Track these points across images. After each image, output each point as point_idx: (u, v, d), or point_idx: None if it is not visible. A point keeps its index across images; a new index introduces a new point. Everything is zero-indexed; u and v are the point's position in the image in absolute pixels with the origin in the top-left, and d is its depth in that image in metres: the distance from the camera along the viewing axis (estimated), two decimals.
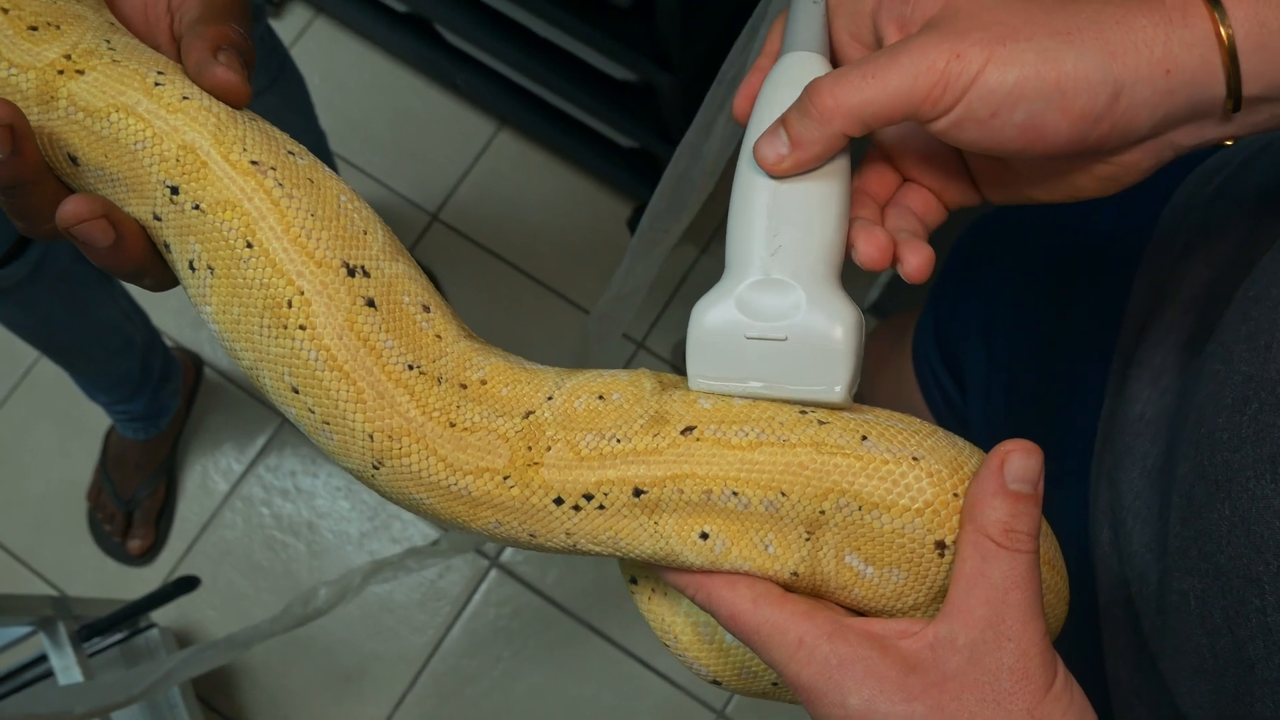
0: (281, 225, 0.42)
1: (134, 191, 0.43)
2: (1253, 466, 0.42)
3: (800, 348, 0.43)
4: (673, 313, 1.79)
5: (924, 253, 0.45)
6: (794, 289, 0.43)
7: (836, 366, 0.43)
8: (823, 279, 0.43)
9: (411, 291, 0.45)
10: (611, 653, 1.65)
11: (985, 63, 0.39)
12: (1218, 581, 0.44)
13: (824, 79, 0.42)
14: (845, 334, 0.43)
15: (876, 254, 0.44)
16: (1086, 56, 0.39)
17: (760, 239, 0.44)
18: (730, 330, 0.44)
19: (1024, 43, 0.39)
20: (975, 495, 0.41)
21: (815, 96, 0.42)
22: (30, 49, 0.43)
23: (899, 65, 0.40)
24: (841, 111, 0.41)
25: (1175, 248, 0.63)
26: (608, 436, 0.43)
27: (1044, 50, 0.39)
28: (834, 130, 0.42)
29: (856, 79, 0.41)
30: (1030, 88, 0.39)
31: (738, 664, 0.50)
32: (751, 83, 0.48)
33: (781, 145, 0.43)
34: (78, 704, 1.03)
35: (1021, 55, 0.39)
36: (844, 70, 0.42)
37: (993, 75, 0.39)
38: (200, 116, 0.43)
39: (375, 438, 0.43)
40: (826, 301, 0.43)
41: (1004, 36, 0.40)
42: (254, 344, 0.43)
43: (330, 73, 1.87)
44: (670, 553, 0.44)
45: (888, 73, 0.41)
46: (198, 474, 1.75)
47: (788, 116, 0.43)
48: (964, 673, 0.39)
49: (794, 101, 0.43)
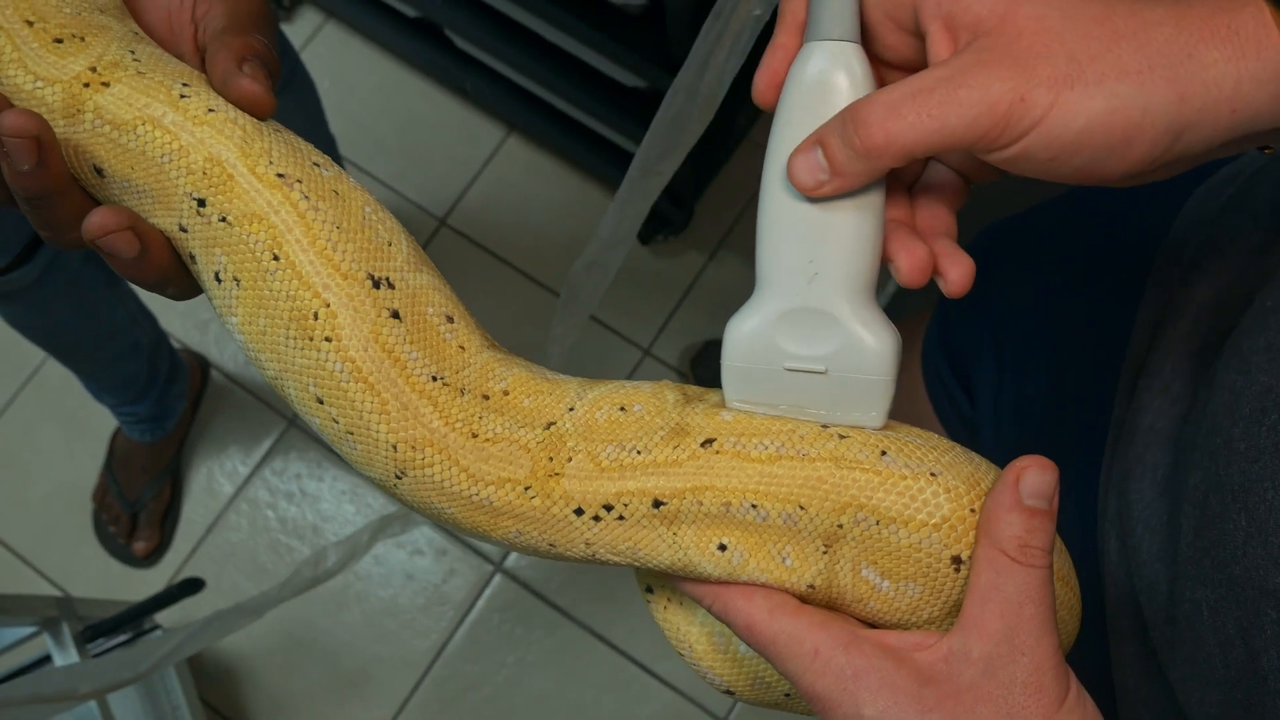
0: (308, 238, 0.42)
1: (160, 203, 0.44)
2: (1270, 477, 0.42)
3: (840, 380, 0.43)
4: (679, 319, 1.79)
5: (965, 265, 0.43)
6: (832, 319, 0.42)
7: (876, 397, 0.43)
8: (861, 304, 0.42)
9: (435, 302, 0.45)
10: (615, 659, 1.65)
11: (1050, 107, 0.37)
12: (1232, 592, 0.44)
13: (873, 108, 0.39)
14: (884, 366, 0.42)
15: (918, 272, 0.43)
16: (1155, 103, 0.37)
17: (795, 263, 0.42)
18: (767, 359, 0.43)
19: (1092, 87, 0.37)
20: (991, 510, 0.41)
21: (863, 129, 0.39)
22: (56, 62, 0.43)
23: (958, 103, 0.38)
24: (893, 149, 0.39)
25: (1186, 258, 0.63)
26: (628, 448, 0.44)
27: (1113, 96, 0.37)
28: (881, 165, 0.40)
29: (911, 116, 0.38)
30: (1095, 138, 0.38)
31: (751, 674, 0.50)
32: (774, 66, 0.44)
33: (820, 171, 0.40)
34: (82, 683, 1.02)
35: (1089, 102, 0.37)
36: (895, 100, 0.39)
37: (1057, 121, 0.37)
38: (226, 129, 0.43)
39: (399, 448, 0.43)
40: (866, 332, 0.42)
41: (1072, 78, 0.37)
42: (279, 355, 0.44)
43: (340, 77, 1.88)
44: (688, 563, 0.44)
45: (945, 110, 0.38)
46: (203, 476, 1.76)
47: (828, 140, 0.40)
48: (978, 685, 0.39)
49: (834, 120, 0.40)
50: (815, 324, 0.43)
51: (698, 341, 1.75)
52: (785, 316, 0.43)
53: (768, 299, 0.43)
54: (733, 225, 1.81)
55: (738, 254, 1.81)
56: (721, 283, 1.80)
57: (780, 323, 0.43)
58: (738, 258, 1.81)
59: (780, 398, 0.44)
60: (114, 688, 1.05)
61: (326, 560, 1.08)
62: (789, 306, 0.43)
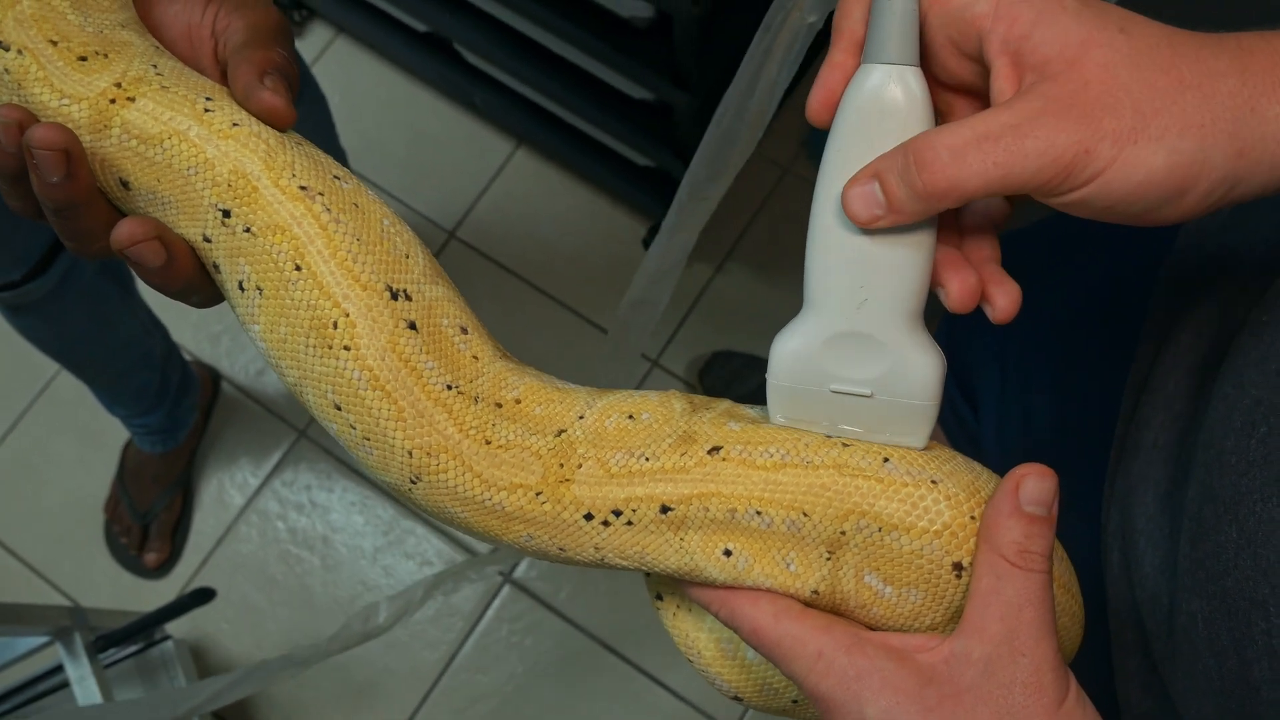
0: (329, 249, 0.44)
1: (185, 214, 0.45)
2: (1260, 490, 0.43)
3: (885, 404, 0.43)
4: (688, 330, 1.79)
5: (1013, 293, 0.44)
6: (880, 345, 0.43)
7: (919, 420, 0.44)
8: (909, 330, 0.43)
9: (450, 314, 0.46)
10: (624, 669, 1.65)
11: (1113, 161, 0.37)
12: (1224, 604, 0.44)
13: (938, 151, 0.39)
14: (930, 391, 0.43)
15: (968, 298, 0.43)
16: (1214, 157, 0.38)
17: (846, 288, 0.42)
18: (814, 380, 0.44)
19: (1155, 142, 0.37)
20: (991, 516, 0.41)
21: (925, 172, 0.39)
22: (82, 79, 0.44)
23: (1024, 154, 0.38)
24: (955, 194, 0.39)
25: (1190, 274, 0.63)
26: (637, 455, 0.45)
27: (1175, 152, 0.37)
28: (941, 208, 0.40)
29: (977, 163, 0.38)
30: (1154, 190, 0.38)
31: (759, 680, 0.51)
32: (829, 85, 0.43)
33: (876, 205, 0.40)
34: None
35: (1152, 156, 0.37)
36: (961, 145, 0.38)
37: (1118, 174, 0.38)
38: (251, 143, 0.44)
39: (414, 454, 0.44)
40: (913, 358, 0.43)
41: (1136, 130, 0.37)
42: (299, 362, 0.45)
43: (350, 91, 1.89)
44: (695, 568, 0.45)
45: (1012, 160, 0.38)
46: (214, 487, 1.76)
47: (886, 176, 0.40)
48: (979, 686, 0.40)
49: (894, 155, 0.40)
50: (863, 348, 0.43)
51: (705, 353, 1.75)
52: (833, 340, 0.43)
53: (816, 321, 0.43)
54: (739, 238, 1.82)
55: (745, 266, 1.81)
56: (729, 295, 1.81)
57: (828, 346, 0.43)
58: (745, 270, 1.81)
59: (824, 418, 0.45)
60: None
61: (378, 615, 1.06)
62: (838, 330, 0.43)
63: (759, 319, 1.75)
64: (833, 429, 0.45)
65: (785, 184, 1.81)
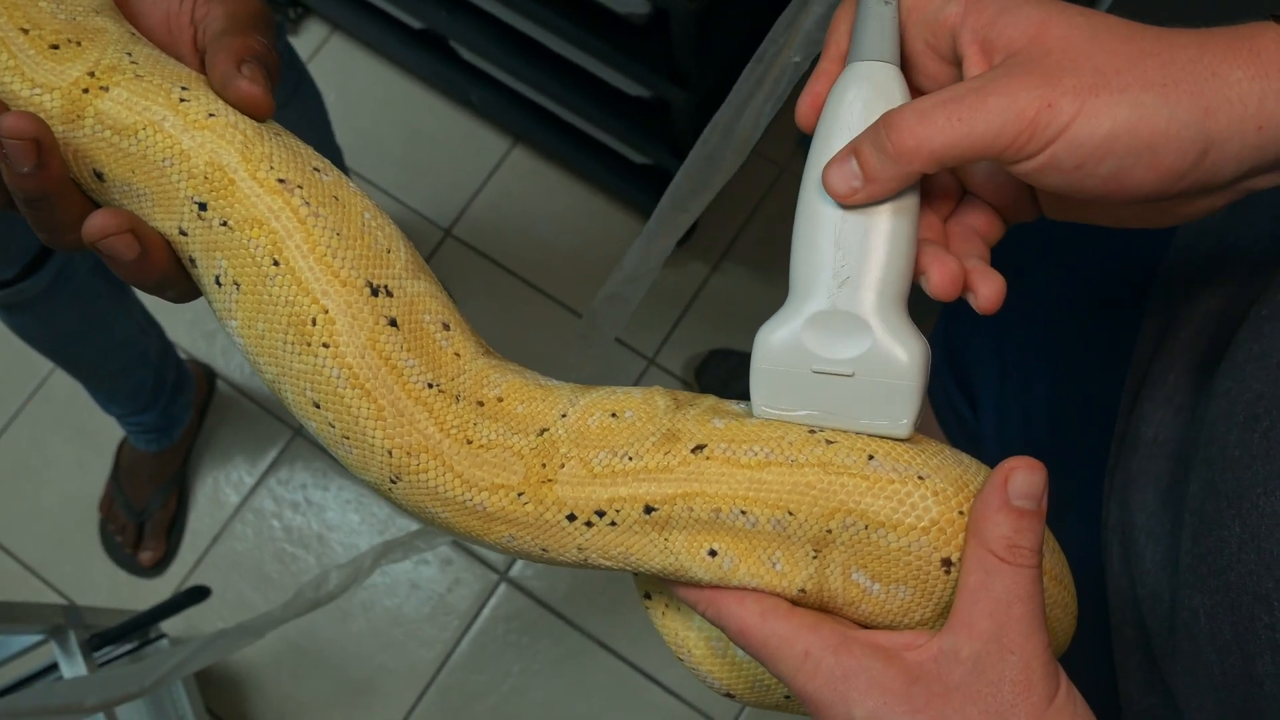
0: (308, 244, 0.43)
1: (160, 207, 0.44)
2: (1263, 483, 0.43)
3: (867, 384, 0.43)
4: (683, 329, 1.79)
5: (996, 282, 0.44)
6: (862, 323, 0.43)
7: (903, 402, 0.43)
8: (891, 311, 0.43)
9: (432, 310, 0.45)
10: (620, 668, 1.65)
11: (1076, 114, 0.38)
12: (1227, 598, 0.44)
13: (905, 114, 0.40)
14: (913, 372, 0.43)
15: (949, 285, 0.44)
16: (1180, 114, 0.38)
17: (827, 268, 0.43)
18: (796, 361, 0.44)
19: (1117, 95, 0.38)
20: (979, 511, 0.41)
21: (894, 133, 0.40)
22: (54, 68, 0.43)
23: (986, 109, 0.39)
24: (922, 153, 0.40)
25: (1189, 270, 0.63)
26: (620, 454, 0.44)
27: (1138, 104, 0.38)
28: (912, 170, 0.41)
29: (941, 120, 0.40)
30: (1120, 144, 0.38)
31: (750, 678, 0.51)
32: (816, 90, 0.46)
33: (854, 178, 0.42)
34: (89, 696, 1.03)
35: (1114, 109, 0.38)
36: (926, 108, 0.40)
37: (1083, 127, 0.38)
38: (227, 134, 0.43)
39: (394, 454, 0.44)
40: (894, 337, 0.43)
41: (1097, 86, 0.38)
42: (277, 359, 0.44)
43: (346, 89, 1.89)
44: (680, 568, 0.44)
45: (974, 116, 0.39)
46: (209, 486, 1.76)
47: (861, 148, 0.41)
48: (967, 684, 0.40)
49: (869, 129, 0.42)
50: (845, 327, 0.43)
51: (701, 351, 1.75)
52: (814, 319, 0.43)
53: (798, 304, 0.44)
54: (736, 236, 1.82)
55: (741, 265, 1.81)
56: (725, 293, 1.81)
57: (809, 325, 0.43)
58: (741, 268, 1.81)
59: (806, 401, 0.44)
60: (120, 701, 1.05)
61: (328, 583, 1.09)
62: (818, 309, 0.43)
63: (755, 317, 1.74)
64: (815, 411, 0.44)
65: (781, 183, 1.81)
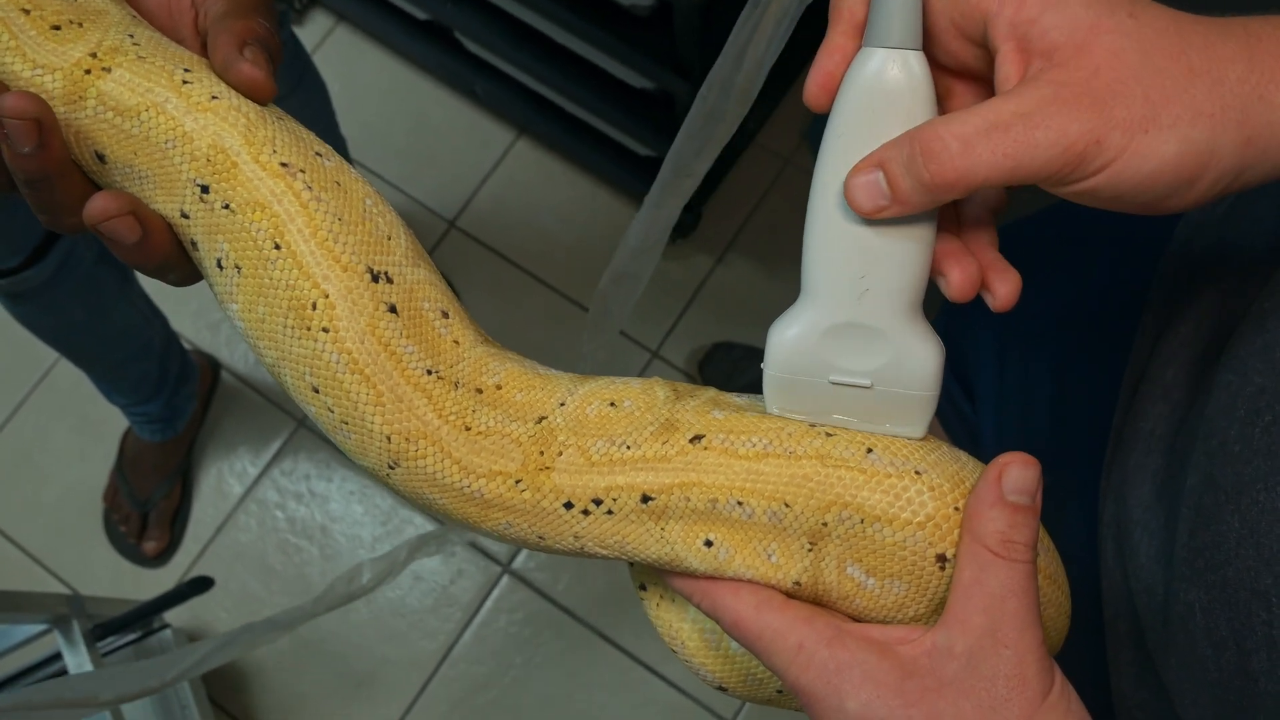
0: (309, 228, 0.43)
1: (162, 189, 0.44)
2: (1263, 479, 0.42)
3: (884, 394, 0.43)
4: (687, 321, 1.79)
5: (1014, 281, 0.43)
6: (881, 335, 0.42)
7: (919, 411, 0.43)
8: (910, 320, 0.42)
9: (432, 297, 0.45)
10: (622, 660, 1.65)
11: (1123, 150, 0.37)
12: (1224, 594, 0.44)
13: (946, 143, 0.38)
14: (929, 381, 0.43)
15: (969, 287, 0.43)
16: (1223, 144, 0.37)
17: (847, 278, 0.42)
18: (812, 372, 0.43)
19: (1166, 131, 0.37)
20: (973, 506, 0.41)
21: (934, 164, 0.38)
22: (55, 49, 0.43)
23: (1034, 144, 0.37)
24: (962, 185, 0.38)
25: (1189, 265, 0.63)
26: (618, 443, 0.44)
27: (1186, 140, 0.37)
28: (948, 199, 0.39)
29: (986, 154, 0.37)
30: (1164, 180, 0.38)
31: (743, 671, 0.50)
32: (827, 69, 0.42)
33: (880, 196, 0.39)
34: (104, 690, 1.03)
35: (1163, 146, 0.37)
36: (969, 135, 0.38)
37: (1129, 164, 0.37)
38: (230, 116, 0.43)
39: (392, 439, 0.44)
40: (914, 348, 0.42)
41: (1147, 120, 0.37)
42: (277, 343, 0.44)
43: (351, 80, 1.88)
44: (675, 558, 0.44)
45: (1021, 151, 0.37)
46: (213, 476, 1.76)
47: (890, 166, 0.39)
48: (961, 679, 0.40)
49: (900, 144, 0.39)
50: (863, 339, 0.42)
51: (705, 344, 1.75)
52: (833, 331, 0.43)
53: (815, 311, 0.43)
54: (740, 228, 1.81)
55: (745, 257, 1.81)
56: (729, 285, 1.80)
57: (827, 336, 0.43)
58: (745, 260, 1.81)
59: (821, 408, 0.44)
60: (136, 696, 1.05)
61: (361, 577, 1.08)
62: (838, 321, 0.42)
63: (760, 310, 1.75)
64: (831, 418, 0.44)
65: (786, 175, 1.81)
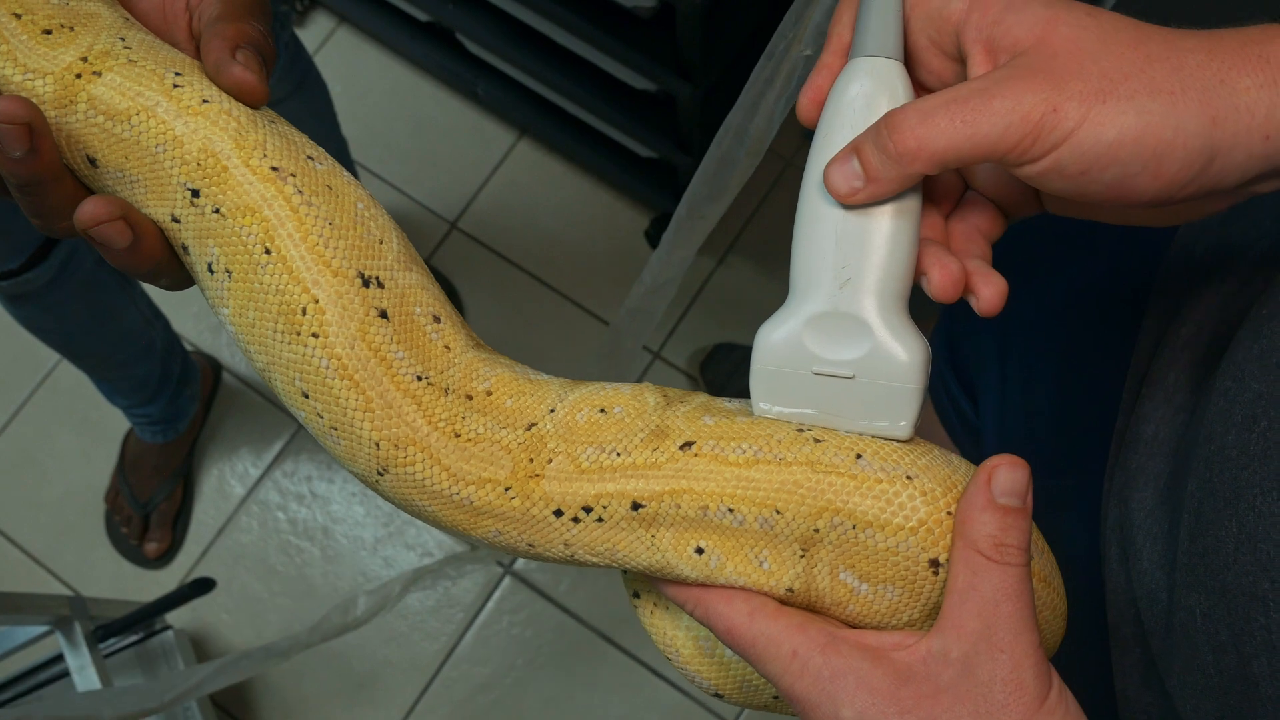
0: (300, 233, 0.42)
1: (153, 193, 0.44)
2: (1260, 484, 0.42)
3: (868, 386, 0.43)
4: (689, 323, 1.79)
5: (998, 285, 0.44)
6: (863, 325, 0.42)
7: (904, 405, 0.43)
8: (892, 312, 0.42)
9: (423, 302, 0.45)
10: (624, 661, 1.65)
11: (1082, 120, 0.38)
12: (1224, 599, 0.44)
13: (907, 115, 0.40)
14: (913, 374, 0.42)
15: (950, 287, 0.43)
16: (1187, 122, 0.37)
17: (828, 268, 0.42)
18: (796, 362, 0.43)
19: (1124, 101, 0.37)
20: (964, 510, 0.41)
21: (896, 134, 0.40)
22: (46, 53, 0.43)
23: (991, 112, 0.38)
24: (924, 155, 0.39)
25: (1190, 267, 0.63)
26: (608, 450, 0.44)
27: (1144, 111, 0.37)
28: (914, 171, 0.40)
29: (944, 122, 0.39)
30: (1125, 151, 0.38)
31: (738, 678, 0.50)
32: (818, 84, 0.45)
33: (855, 177, 0.41)
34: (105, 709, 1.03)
35: (1121, 116, 0.37)
36: (929, 108, 0.39)
37: (1088, 134, 0.38)
38: (221, 120, 0.43)
39: (381, 446, 0.43)
40: (895, 339, 0.42)
41: (1104, 92, 0.38)
42: (267, 348, 0.44)
43: (352, 81, 1.89)
44: (666, 566, 0.44)
45: (978, 118, 0.38)
46: (214, 478, 1.76)
47: (863, 147, 0.41)
48: (957, 685, 0.39)
49: (870, 128, 0.41)
50: (845, 329, 0.43)
51: (706, 345, 1.75)
52: (815, 320, 0.43)
53: (799, 304, 0.43)
54: (742, 230, 1.81)
55: (747, 259, 1.81)
56: (730, 287, 1.80)
57: (810, 326, 0.43)
58: (747, 262, 1.81)
59: (807, 401, 0.44)
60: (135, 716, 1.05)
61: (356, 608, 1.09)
62: (820, 310, 0.43)
63: (761, 311, 1.74)
64: (815, 411, 0.44)
65: (788, 177, 1.81)
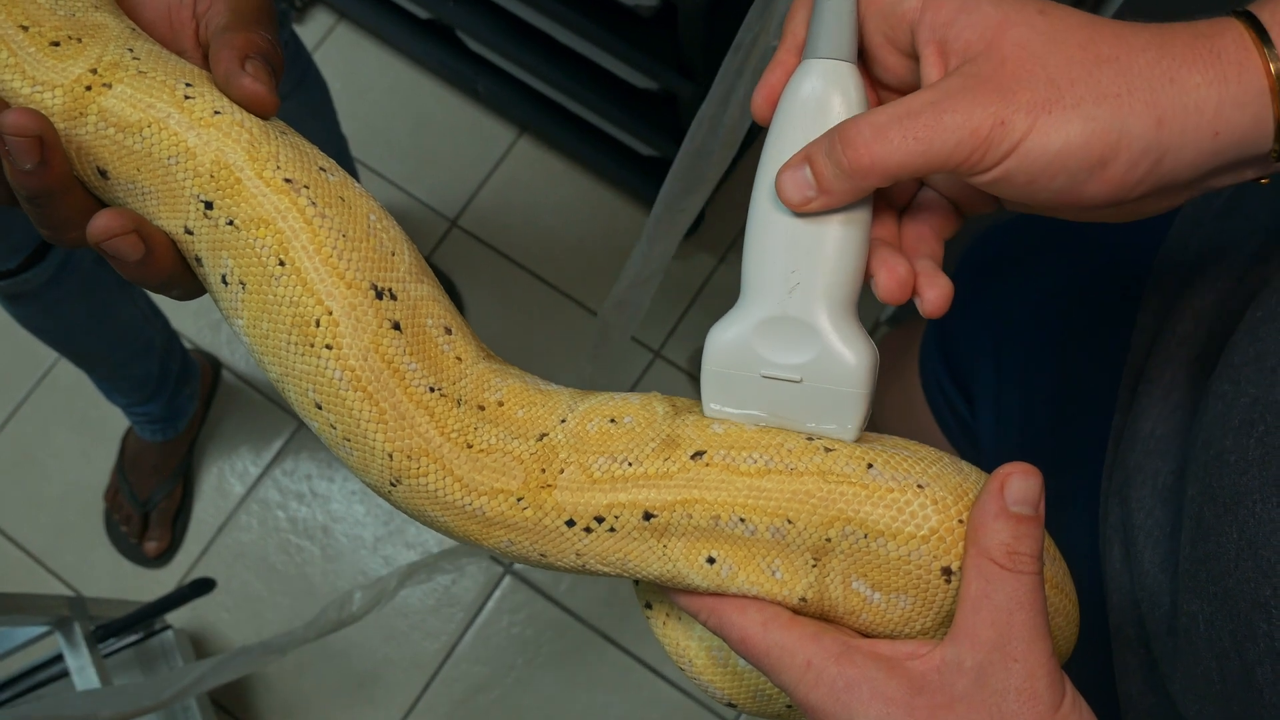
0: (314, 245, 0.42)
1: (165, 205, 0.44)
2: (1259, 490, 0.42)
3: (815, 390, 0.43)
4: (690, 321, 1.79)
5: (943, 287, 0.44)
6: (810, 330, 0.43)
7: (849, 409, 0.43)
8: (840, 316, 0.43)
9: (435, 314, 0.45)
10: (623, 661, 1.65)
11: (1028, 131, 0.38)
12: (1226, 605, 0.44)
13: (860, 129, 0.40)
14: (858, 379, 0.43)
15: (896, 288, 0.44)
16: (1134, 126, 0.38)
17: (778, 273, 0.43)
18: (745, 366, 0.44)
19: (1069, 110, 0.38)
20: (977, 519, 0.41)
21: (850, 150, 0.40)
22: (55, 66, 0.43)
23: (942, 127, 0.39)
24: (878, 170, 0.40)
25: (1185, 263, 0.63)
26: (620, 460, 0.44)
27: (1090, 119, 0.38)
28: (867, 185, 0.41)
29: (897, 139, 0.39)
30: (1073, 160, 0.38)
31: (751, 687, 0.50)
32: (771, 82, 0.45)
33: (808, 187, 0.41)
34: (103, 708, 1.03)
35: (1066, 125, 0.38)
36: (882, 123, 0.40)
37: (1034, 145, 0.38)
38: (234, 132, 0.43)
39: (394, 457, 0.44)
40: (842, 344, 0.43)
41: (1050, 101, 0.38)
42: (281, 359, 0.44)
43: (352, 79, 1.88)
44: (678, 575, 0.44)
45: (930, 134, 0.39)
46: (214, 476, 1.76)
47: (815, 157, 0.41)
48: (971, 695, 0.39)
49: (823, 137, 0.41)
50: (794, 333, 0.43)
51: None
52: (765, 324, 0.43)
53: (749, 307, 0.44)
54: (743, 228, 1.81)
55: None
56: (732, 286, 1.80)
57: (759, 330, 0.43)
58: None
59: (755, 403, 0.44)
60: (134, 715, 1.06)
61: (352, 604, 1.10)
62: (769, 314, 0.43)
63: None
64: (763, 413, 0.44)
65: None
